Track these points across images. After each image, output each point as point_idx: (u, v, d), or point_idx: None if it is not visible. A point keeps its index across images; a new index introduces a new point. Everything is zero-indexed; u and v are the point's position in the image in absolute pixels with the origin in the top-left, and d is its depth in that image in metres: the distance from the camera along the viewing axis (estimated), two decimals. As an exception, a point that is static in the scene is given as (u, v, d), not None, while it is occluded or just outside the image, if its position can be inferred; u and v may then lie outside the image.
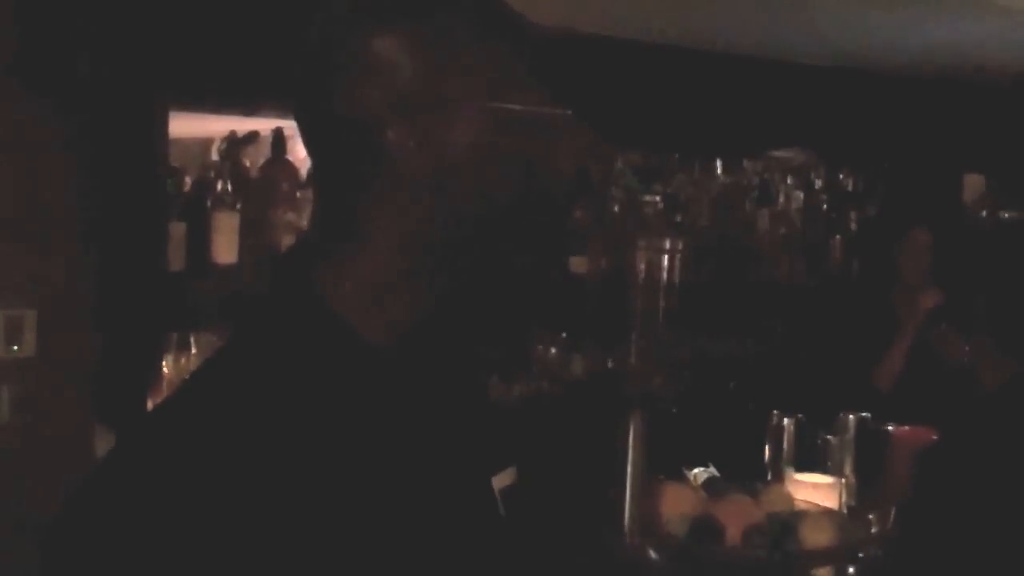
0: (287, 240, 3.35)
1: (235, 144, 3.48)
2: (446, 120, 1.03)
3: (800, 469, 3.13)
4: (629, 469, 2.61)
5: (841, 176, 4.88)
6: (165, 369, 3.24)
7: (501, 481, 1.16)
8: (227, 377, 1.04)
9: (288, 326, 1.06)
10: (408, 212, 1.05)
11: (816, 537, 2.77)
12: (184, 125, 3.43)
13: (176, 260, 3.17)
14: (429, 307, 1.09)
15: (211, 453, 0.97)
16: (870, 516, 2.87)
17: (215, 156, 3.52)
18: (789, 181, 4.68)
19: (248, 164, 3.52)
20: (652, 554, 2.65)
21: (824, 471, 3.10)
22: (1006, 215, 5.12)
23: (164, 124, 3.17)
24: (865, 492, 3.01)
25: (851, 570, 2.81)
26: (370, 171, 1.04)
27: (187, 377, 1.08)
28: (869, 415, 3.19)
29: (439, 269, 1.07)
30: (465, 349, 1.19)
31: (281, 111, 3.40)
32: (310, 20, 1.08)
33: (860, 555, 2.81)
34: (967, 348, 3.84)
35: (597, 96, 4.08)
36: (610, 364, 3.82)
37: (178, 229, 3.18)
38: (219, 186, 3.32)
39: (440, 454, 1.10)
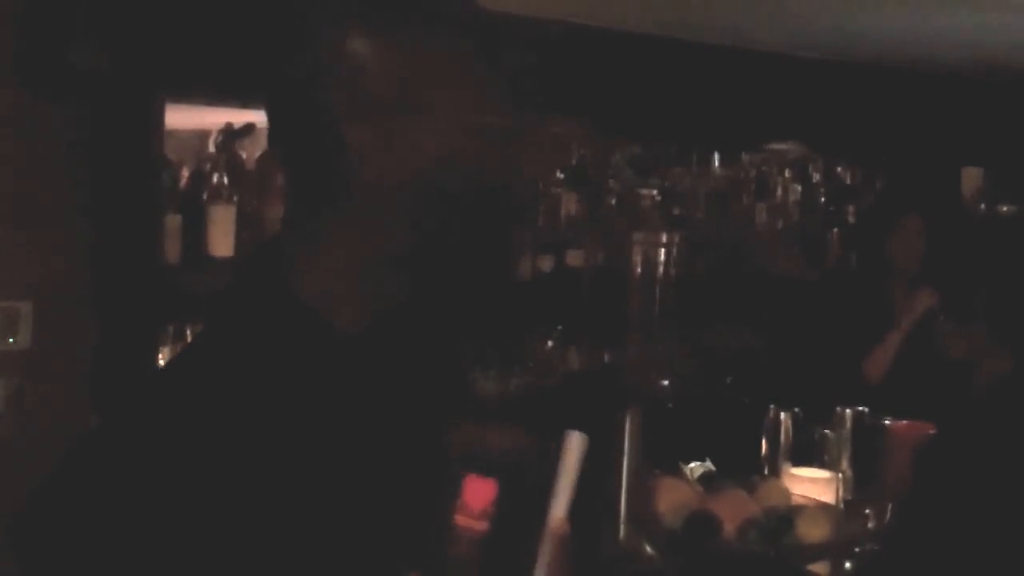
0: (283, 233, 3.34)
1: (231, 136, 3.47)
2: (412, 127, 1.05)
3: (797, 463, 3.13)
4: (625, 463, 2.61)
5: (839, 169, 4.88)
6: (161, 362, 3.24)
7: None
8: (201, 364, 1.07)
9: (259, 316, 1.08)
10: (372, 212, 1.07)
11: (813, 532, 2.77)
12: (180, 117, 3.42)
13: (172, 253, 3.16)
14: (394, 299, 1.11)
15: (186, 437, 0.99)
16: (867, 511, 2.87)
17: (211, 148, 3.51)
18: (787, 174, 4.68)
19: (244, 156, 3.50)
20: (648, 549, 2.65)
21: (821, 465, 3.09)
22: (1004, 208, 5.12)
23: (160, 116, 3.16)
24: (862, 486, 3.00)
25: (848, 565, 2.81)
26: (334, 171, 1.06)
27: (162, 366, 1.10)
28: (866, 409, 3.18)
29: (403, 264, 1.09)
30: (441, 344, 1.20)
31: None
32: (288, 17, 1.08)
33: (857, 550, 2.80)
34: (965, 345, 3.83)
35: (594, 89, 4.08)
36: (606, 358, 3.82)
37: (174, 222, 3.18)
38: (215, 178, 3.31)
39: (406, 440, 1.11)
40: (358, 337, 1.09)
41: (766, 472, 3.15)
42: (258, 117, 3.54)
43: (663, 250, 3.49)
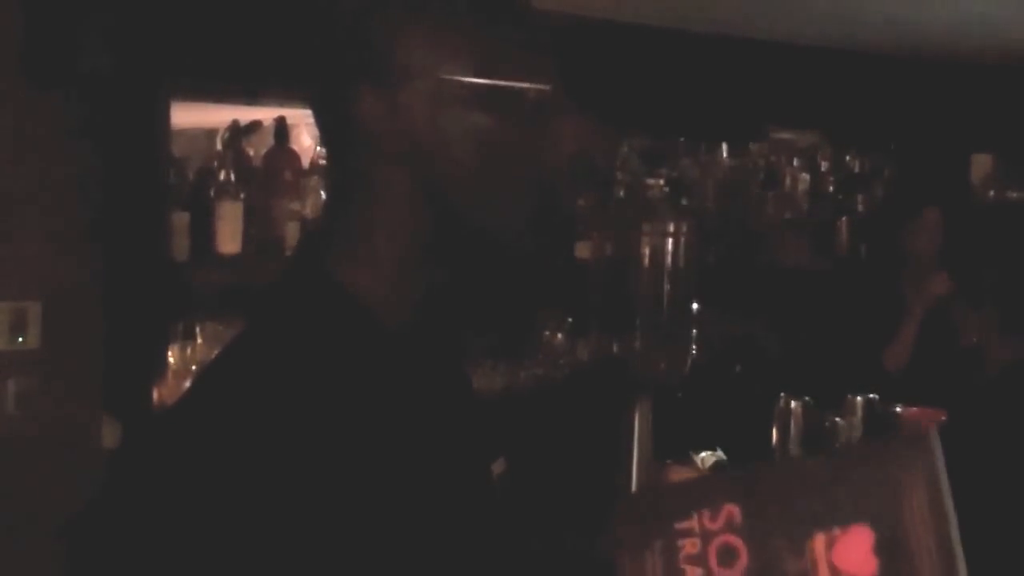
0: (291, 229, 3.34)
1: (238, 133, 3.47)
2: (417, 92, 1.05)
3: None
4: (635, 454, 2.61)
5: (848, 158, 4.86)
6: (171, 359, 3.24)
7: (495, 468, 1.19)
8: (253, 364, 1.05)
9: (309, 311, 1.08)
10: (402, 194, 1.07)
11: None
12: (187, 115, 3.42)
13: (180, 250, 3.16)
14: (430, 289, 1.11)
15: (248, 440, 0.98)
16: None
17: (218, 146, 3.51)
18: (795, 163, 4.66)
19: (251, 153, 3.51)
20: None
21: (832, 453, 3.09)
22: (1014, 194, 5.10)
23: (167, 114, 3.16)
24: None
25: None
26: (377, 161, 1.06)
27: (209, 364, 1.09)
28: (877, 397, 3.18)
29: (438, 252, 1.09)
30: (452, 334, 1.20)
31: (284, 99, 3.39)
32: (329, 13, 1.09)
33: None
34: (978, 329, 3.83)
35: (602, 80, 4.07)
36: (616, 349, 3.81)
37: (182, 219, 3.18)
38: (222, 176, 3.31)
39: (451, 432, 1.12)
40: (402, 327, 1.09)
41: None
42: (264, 114, 3.55)
43: (671, 240, 3.49)
